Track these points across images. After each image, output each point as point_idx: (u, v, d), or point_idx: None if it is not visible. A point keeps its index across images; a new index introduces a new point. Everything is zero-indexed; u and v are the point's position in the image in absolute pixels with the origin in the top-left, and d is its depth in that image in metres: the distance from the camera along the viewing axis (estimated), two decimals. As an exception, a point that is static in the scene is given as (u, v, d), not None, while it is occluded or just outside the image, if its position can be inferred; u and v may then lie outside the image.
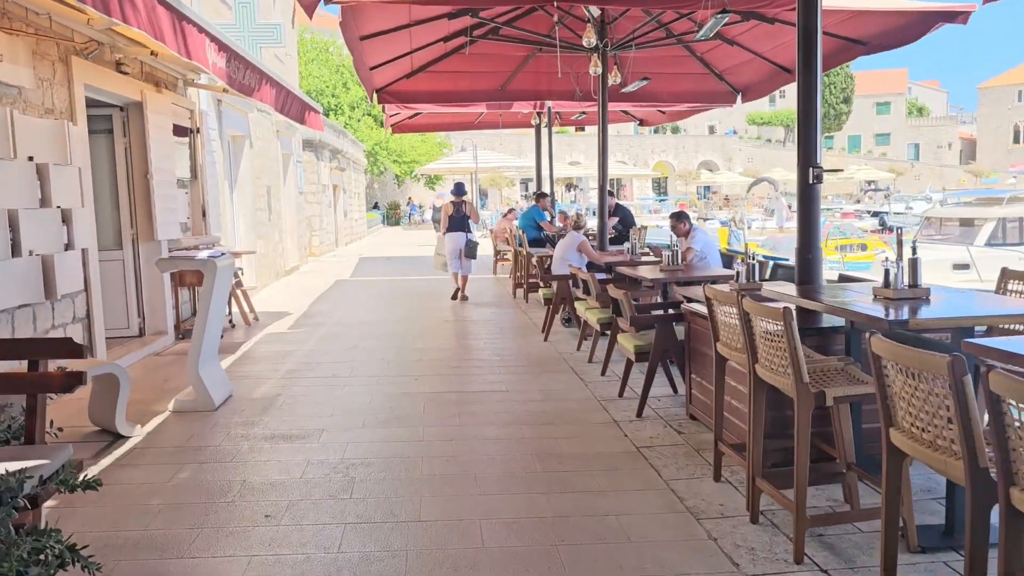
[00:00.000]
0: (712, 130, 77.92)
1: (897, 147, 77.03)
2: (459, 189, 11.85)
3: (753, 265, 5.56)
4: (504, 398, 5.88)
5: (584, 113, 12.37)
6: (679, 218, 8.39)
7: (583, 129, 16.14)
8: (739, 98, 11.70)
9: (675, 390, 5.90)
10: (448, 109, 13.98)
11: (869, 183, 67.76)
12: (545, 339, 8.24)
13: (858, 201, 51.18)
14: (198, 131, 9.12)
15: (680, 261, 7.23)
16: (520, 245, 11.67)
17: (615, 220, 11.35)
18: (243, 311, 9.37)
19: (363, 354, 7.61)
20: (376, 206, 46.63)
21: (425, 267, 17.08)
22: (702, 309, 5.05)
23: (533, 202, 12.51)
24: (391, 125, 16.57)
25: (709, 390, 4.84)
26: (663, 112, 14.54)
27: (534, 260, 10.56)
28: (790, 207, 30.26)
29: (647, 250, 9.34)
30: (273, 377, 6.65)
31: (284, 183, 16.24)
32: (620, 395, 5.87)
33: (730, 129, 75.77)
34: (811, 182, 4.59)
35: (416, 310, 10.61)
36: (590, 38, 8.48)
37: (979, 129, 77.43)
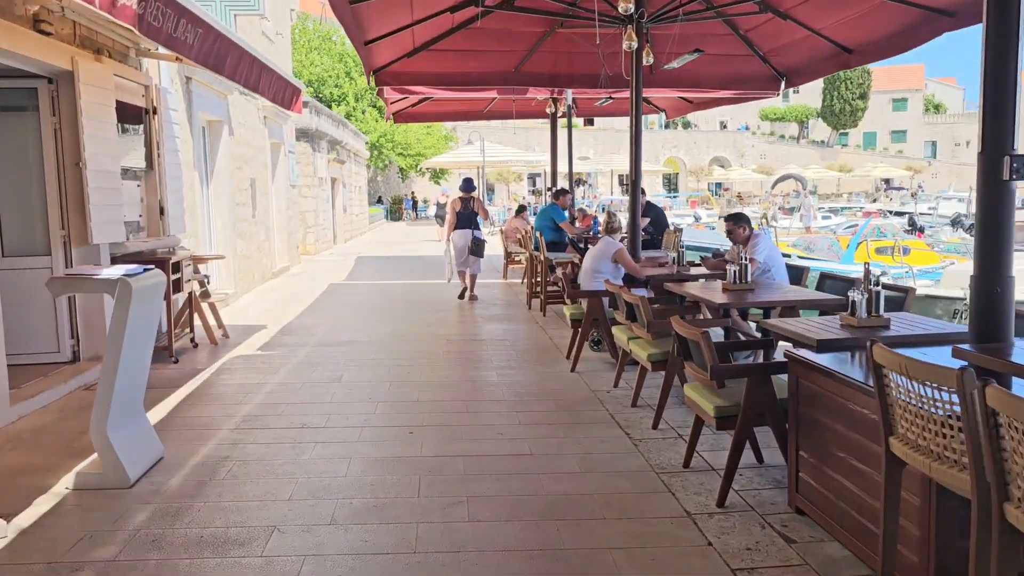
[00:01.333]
0: (724, 125, 76.22)
1: (913, 145, 75.19)
2: (468, 185, 11.18)
3: (875, 293, 4.03)
4: (528, 468, 4.34)
5: (611, 98, 10.81)
6: (737, 221, 6.84)
7: (592, 123, 14.48)
8: (783, 83, 10.20)
9: (760, 459, 4.36)
10: (455, 95, 12.46)
11: (885, 181, 66.07)
12: (572, 368, 6.70)
13: (874, 200, 49.45)
14: (155, 112, 7.59)
15: (748, 278, 5.68)
16: (536, 248, 10.13)
17: (645, 221, 9.84)
18: (208, 328, 7.85)
19: (345, 390, 6.07)
20: (380, 200, 45.11)
21: (428, 269, 15.55)
22: (816, 359, 3.51)
23: (551, 200, 10.96)
24: (392, 113, 15.10)
25: (833, 480, 3.29)
26: (690, 102, 12.97)
27: (559, 272, 9.01)
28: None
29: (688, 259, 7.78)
30: (224, 427, 5.11)
31: (273, 175, 14.71)
32: (686, 465, 4.33)
33: (742, 125, 74.00)
34: (1006, 177, 3.03)
35: (416, 325, 9.08)
36: (628, 4, 6.94)
37: (998, 127, 75.34)
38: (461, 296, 11.11)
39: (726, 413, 3.84)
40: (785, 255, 15.48)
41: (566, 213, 10.37)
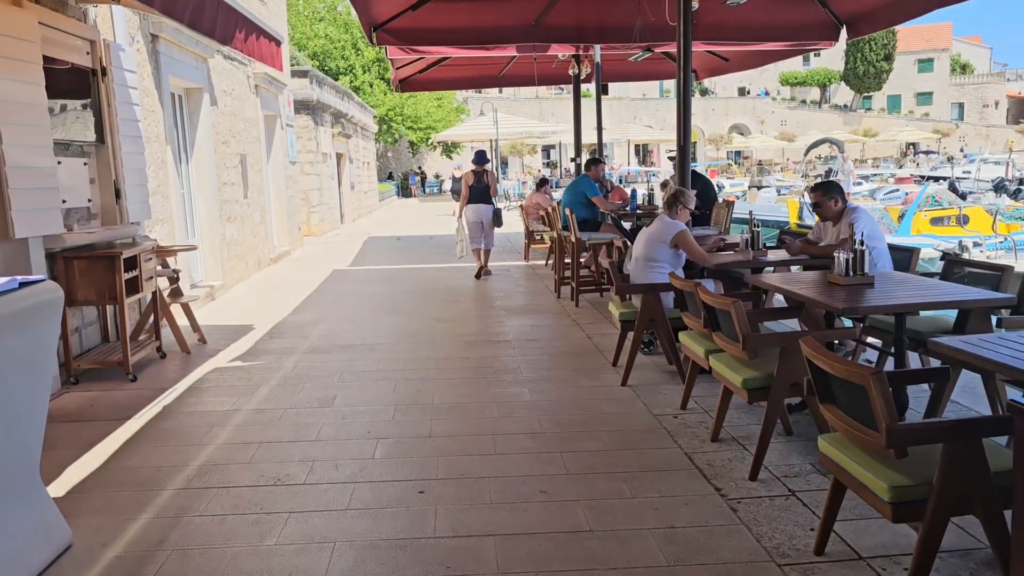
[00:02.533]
0: (742, 91, 74.03)
1: (940, 107, 72.70)
2: (480, 157, 10.79)
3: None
4: (591, 556, 3.00)
5: (649, 50, 9.34)
6: (827, 191, 5.46)
7: (607, 91, 13.16)
8: (843, 32, 8.79)
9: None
10: (467, 53, 11.05)
11: (910, 145, 63.87)
12: (624, 381, 5.35)
13: (900, 166, 47.47)
14: (104, 73, 6.23)
15: (866, 267, 4.29)
16: (565, 228, 8.75)
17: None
18: (179, 333, 6.53)
19: (338, 420, 4.75)
20: (391, 176, 43.69)
21: (440, 249, 14.21)
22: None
23: (581, 171, 9.52)
24: (399, 81, 13.70)
25: None
26: (724, 59, 11.50)
27: (603, 260, 7.63)
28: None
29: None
30: (171, 485, 3.80)
31: (268, 151, 13.36)
32: (819, 551, 2.98)
33: (762, 90, 71.80)
34: None
35: (428, 320, 7.75)
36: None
37: (1028, 86, 72.79)
38: (477, 276, 10.49)
39: (907, 497, 2.47)
40: None
41: (598, 186, 8.96)
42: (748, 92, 71.46)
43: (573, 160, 13.69)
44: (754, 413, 4.56)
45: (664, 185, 5.89)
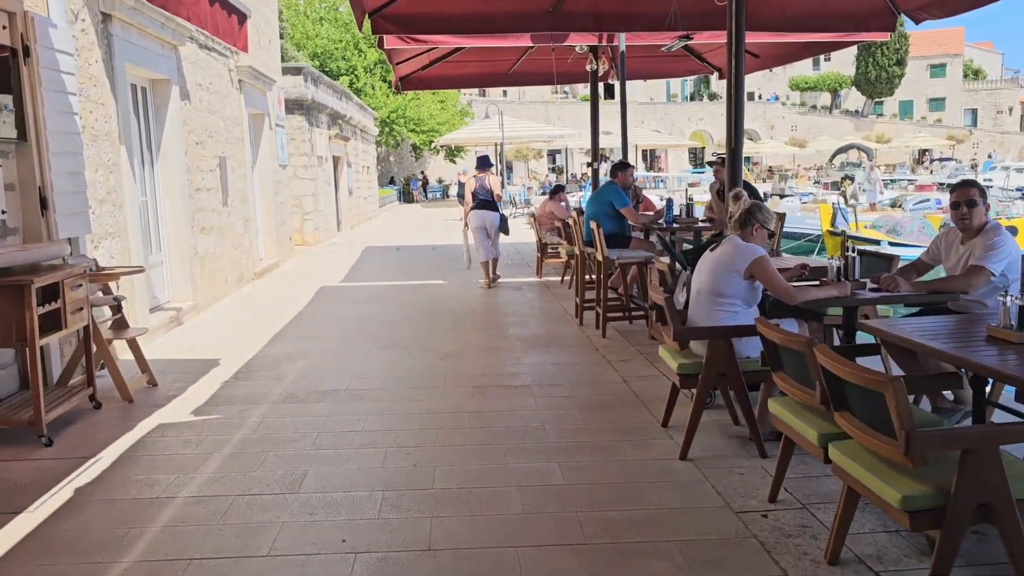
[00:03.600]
0: (751, 96, 72.83)
1: (952, 113, 71.39)
2: (484, 162, 10.44)
3: None
4: None
5: (688, 37, 8.08)
6: (982, 191, 4.24)
7: (612, 95, 12.05)
8: (903, 19, 7.56)
9: None
10: (474, 43, 9.85)
11: (922, 152, 62.62)
12: (683, 454, 4.08)
13: (915, 173, 46.09)
14: (27, 54, 4.99)
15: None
16: (589, 244, 7.49)
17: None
18: (118, 379, 5.27)
19: (304, 520, 3.47)
20: (392, 181, 42.43)
21: (444, 261, 12.97)
22: None
23: (587, 177, 8.26)
24: (399, 79, 12.50)
25: None
26: (755, 55, 10.33)
27: (656, 293, 6.38)
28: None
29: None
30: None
31: (255, 154, 12.13)
32: None
33: (772, 95, 70.57)
34: None
35: (429, 357, 6.49)
36: None
37: (1042, 92, 71.42)
38: (489, 285, 10.16)
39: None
40: (872, 240, 12.53)
41: (627, 195, 7.68)
42: (760, 97, 70.26)
43: (590, 165, 12.46)
44: (877, 512, 3.29)
45: (737, 197, 4.56)
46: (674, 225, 7.40)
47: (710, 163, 9.66)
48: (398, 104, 35.67)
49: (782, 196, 22.48)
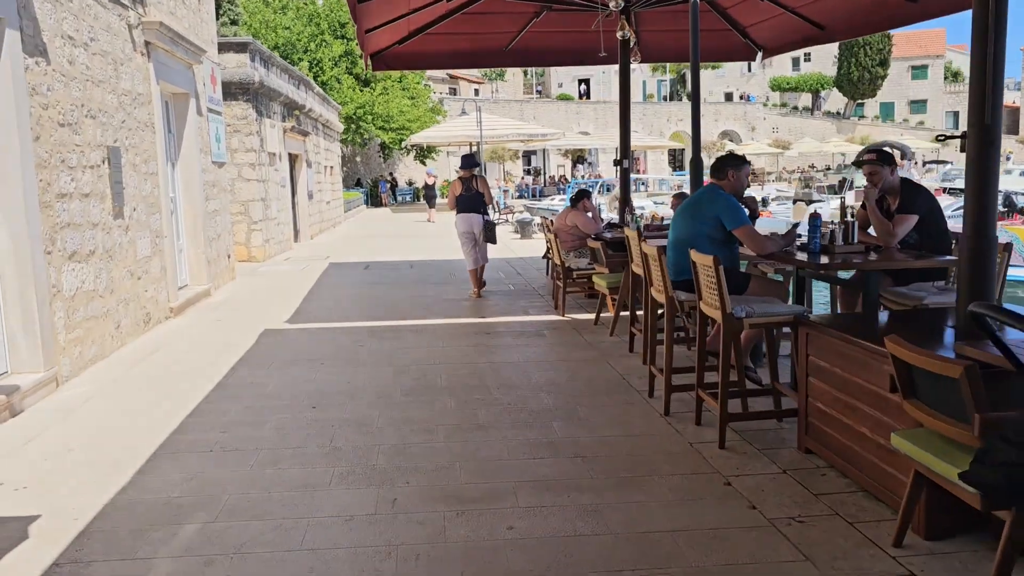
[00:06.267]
0: (729, 97, 70.84)
1: (934, 115, 69.94)
2: (469, 161, 9.67)
3: None
4: None
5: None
6: None
7: (589, 95, 8.85)
8: None
9: None
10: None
11: (903, 154, 60.79)
12: None
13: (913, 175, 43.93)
14: None
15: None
16: (680, 285, 4.61)
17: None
18: None
19: None
20: (359, 183, 39.22)
21: (426, 284, 10.04)
22: None
23: (706, 179, 5.33)
24: (370, 55, 9.75)
25: None
26: (820, 27, 7.81)
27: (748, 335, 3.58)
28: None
29: None
30: None
31: (175, 145, 9.09)
32: None
33: (752, 96, 68.51)
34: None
35: (415, 514, 3.54)
36: None
37: (1023, 95, 70.19)
38: (479, 289, 9.40)
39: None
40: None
41: (744, 209, 4.78)
42: (741, 98, 68.24)
43: (617, 164, 9.63)
44: None
45: None
46: (821, 258, 4.50)
47: (859, 163, 6.69)
48: (366, 100, 32.64)
49: (808, 203, 19.75)
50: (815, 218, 4.55)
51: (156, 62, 8.03)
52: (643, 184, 41.39)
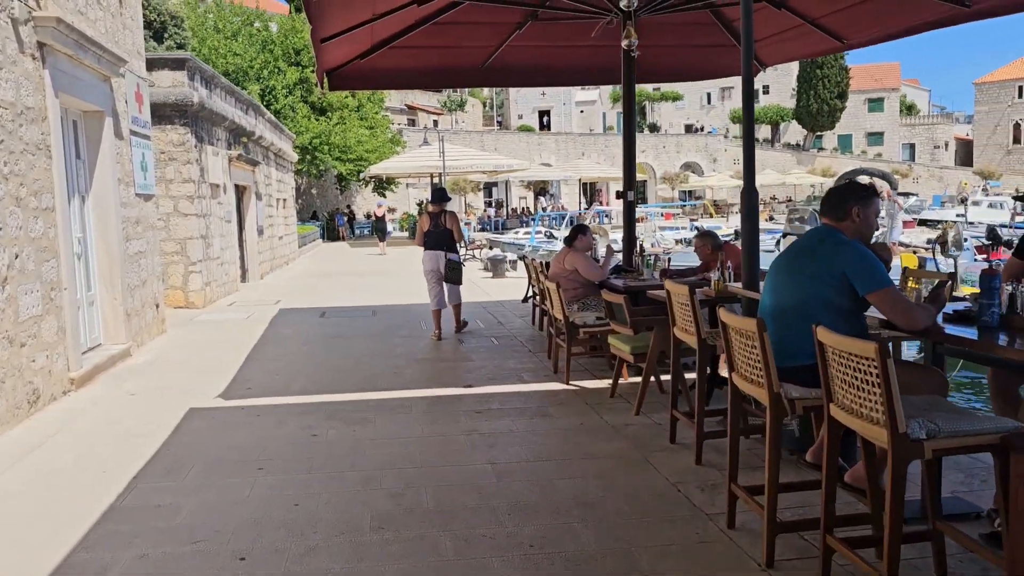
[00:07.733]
0: (690, 129, 70.64)
1: (890, 147, 70.60)
2: (439, 195, 9.15)
3: None
4: None
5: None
6: None
7: (549, 127, 7.28)
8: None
9: None
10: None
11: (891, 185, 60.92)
12: None
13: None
14: None
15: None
16: (789, 377, 3.12)
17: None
18: None
19: None
20: (315, 216, 37.39)
21: (392, 338, 8.40)
22: None
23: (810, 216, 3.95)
24: (326, 72, 8.36)
25: None
26: (842, 40, 6.54)
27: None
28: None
29: None
30: None
31: (84, 175, 7.40)
32: None
33: (713, 128, 68.40)
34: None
35: None
36: None
37: (976, 128, 71.36)
38: (440, 332, 8.67)
39: None
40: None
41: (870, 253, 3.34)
42: (701, 129, 68.10)
43: (621, 196, 8.23)
44: None
45: None
46: (1002, 337, 3.03)
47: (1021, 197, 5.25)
48: (322, 129, 31.02)
49: (784, 236, 18.55)
50: (991, 277, 3.08)
51: (54, 69, 6.37)
52: (606, 216, 40.29)
